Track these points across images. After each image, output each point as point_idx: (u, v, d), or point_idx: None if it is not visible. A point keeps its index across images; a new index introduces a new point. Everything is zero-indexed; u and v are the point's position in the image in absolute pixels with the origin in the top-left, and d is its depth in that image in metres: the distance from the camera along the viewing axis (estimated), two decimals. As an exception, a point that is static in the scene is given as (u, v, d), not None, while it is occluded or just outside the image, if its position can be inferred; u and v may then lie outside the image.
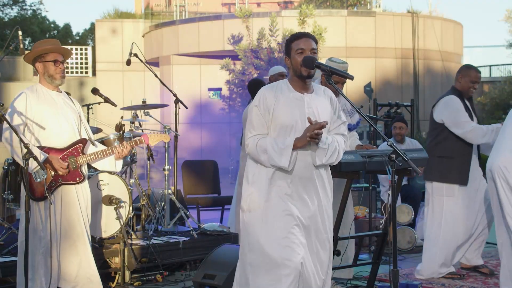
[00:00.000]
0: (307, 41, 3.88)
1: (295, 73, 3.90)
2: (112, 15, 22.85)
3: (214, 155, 16.77)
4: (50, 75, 4.61)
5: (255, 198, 3.85)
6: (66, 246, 4.57)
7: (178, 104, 6.75)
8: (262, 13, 17.61)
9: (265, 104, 3.84)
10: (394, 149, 3.76)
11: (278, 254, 3.74)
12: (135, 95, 18.00)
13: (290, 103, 3.86)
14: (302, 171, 3.84)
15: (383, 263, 5.18)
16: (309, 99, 3.90)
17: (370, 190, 7.24)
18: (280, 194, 3.81)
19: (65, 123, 4.62)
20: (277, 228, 3.78)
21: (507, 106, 19.46)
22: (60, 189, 4.56)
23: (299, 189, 3.83)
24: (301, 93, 3.90)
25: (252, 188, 3.88)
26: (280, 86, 3.93)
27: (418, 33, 18.45)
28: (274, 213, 3.80)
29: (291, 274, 3.72)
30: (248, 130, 3.91)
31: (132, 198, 6.06)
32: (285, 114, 3.83)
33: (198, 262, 5.96)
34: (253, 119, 3.88)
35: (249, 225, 3.86)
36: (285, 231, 3.76)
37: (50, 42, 4.72)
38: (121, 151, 4.71)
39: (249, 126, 3.90)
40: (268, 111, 3.84)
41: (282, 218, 3.78)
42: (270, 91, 3.90)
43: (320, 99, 3.95)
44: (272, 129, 3.86)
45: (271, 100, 3.85)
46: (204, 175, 8.61)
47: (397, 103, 9.63)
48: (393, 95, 16.59)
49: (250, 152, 3.88)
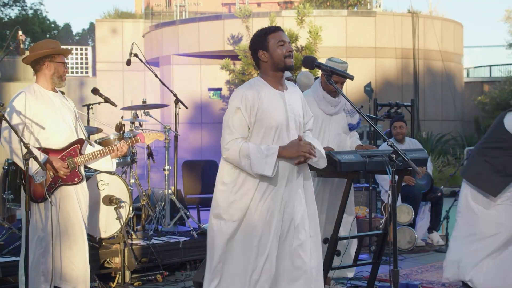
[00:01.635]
0: (284, 35, 3.81)
1: (277, 66, 3.76)
2: (112, 15, 22.84)
3: (214, 155, 16.76)
4: (60, 76, 4.65)
5: (239, 208, 3.73)
6: (67, 247, 4.57)
7: (178, 104, 6.75)
8: (262, 13, 17.60)
9: (248, 105, 3.69)
10: (394, 149, 3.76)
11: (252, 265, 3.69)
12: (135, 95, 18.00)
13: (274, 102, 3.75)
14: (284, 172, 3.76)
15: (383, 263, 5.18)
16: (287, 95, 3.83)
17: (370, 190, 7.24)
18: (263, 199, 3.71)
19: (63, 123, 4.62)
20: (254, 242, 3.70)
21: (507, 106, 19.45)
22: (59, 190, 4.56)
23: (280, 190, 3.74)
24: (280, 90, 3.82)
25: (234, 196, 3.74)
26: (257, 84, 3.79)
27: (418, 33, 18.44)
28: (254, 224, 3.70)
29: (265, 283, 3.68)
30: (227, 134, 3.71)
31: (132, 198, 6.06)
32: (270, 114, 3.71)
33: (198, 262, 5.96)
34: (234, 121, 3.68)
35: (227, 234, 3.76)
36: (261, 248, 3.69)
37: (55, 43, 4.73)
38: (120, 149, 4.72)
39: (229, 129, 3.70)
40: (251, 112, 3.69)
41: (263, 218, 3.70)
42: (250, 90, 3.73)
43: (294, 95, 3.89)
44: (256, 130, 3.72)
45: (254, 100, 3.70)
46: (204, 175, 8.60)
47: (397, 103, 9.63)
48: (393, 95, 16.58)
49: (230, 157, 3.68)
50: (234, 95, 3.75)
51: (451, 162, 15.24)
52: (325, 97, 5.28)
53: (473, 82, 22.82)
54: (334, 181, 5.36)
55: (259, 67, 3.87)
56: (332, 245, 4.69)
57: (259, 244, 3.69)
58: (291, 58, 3.77)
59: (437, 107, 19.05)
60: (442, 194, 7.78)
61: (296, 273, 3.75)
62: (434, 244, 7.64)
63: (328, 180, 5.25)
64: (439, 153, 15.75)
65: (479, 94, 21.42)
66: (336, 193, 5.36)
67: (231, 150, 3.67)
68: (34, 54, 4.63)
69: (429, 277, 6.01)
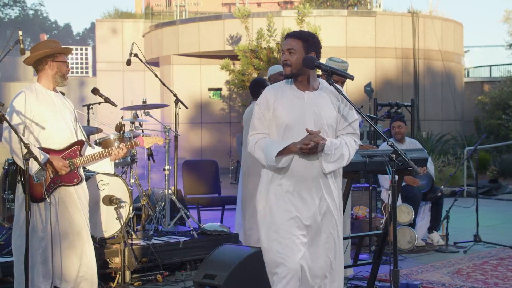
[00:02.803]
0: (286, 42, 3.89)
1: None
2: (113, 15, 22.84)
3: (214, 155, 16.80)
4: (63, 75, 4.66)
5: (259, 197, 3.91)
6: (66, 247, 4.57)
7: (178, 104, 6.75)
8: (262, 13, 17.60)
9: (266, 104, 3.86)
10: (395, 149, 3.76)
11: (278, 254, 3.74)
12: (135, 95, 17.99)
13: (290, 102, 3.83)
14: (304, 170, 3.80)
15: (383, 263, 5.19)
16: (310, 97, 3.85)
17: (370, 190, 7.24)
18: (281, 193, 3.80)
19: (63, 124, 4.62)
20: (277, 227, 3.77)
21: (507, 106, 19.46)
22: (58, 190, 4.55)
23: (300, 188, 3.79)
24: (302, 91, 3.86)
25: (258, 187, 3.94)
26: (283, 85, 3.93)
27: (418, 33, 18.44)
28: (274, 212, 3.80)
29: (288, 274, 3.70)
30: (249, 129, 3.96)
31: (133, 198, 6.06)
32: (285, 113, 3.81)
33: (198, 262, 5.96)
34: (254, 118, 3.91)
35: (259, 224, 3.91)
36: (285, 231, 3.76)
37: (57, 43, 4.74)
38: (117, 153, 4.72)
39: (251, 125, 3.94)
40: (268, 111, 3.85)
41: (282, 218, 3.78)
42: (272, 90, 3.92)
43: (323, 97, 3.88)
44: (275, 128, 3.86)
45: (271, 99, 3.85)
46: (204, 175, 8.60)
47: (397, 103, 9.63)
48: (393, 95, 16.59)
49: (250, 150, 3.93)
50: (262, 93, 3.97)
51: (451, 162, 15.24)
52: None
53: (473, 82, 22.82)
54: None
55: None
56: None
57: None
58: (285, 66, 3.88)
59: (437, 107, 19.05)
60: (442, 194, 7.78)
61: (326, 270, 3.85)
62: (434, 244, 7.64)
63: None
64: (439, 153, 15.75)
65: (479, 94, 21.42)
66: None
67: (250, 144, 3.90)
68: (36, 54, 4.63)
69: (429, 277, 6.01)
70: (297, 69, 3.83)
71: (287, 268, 3.71)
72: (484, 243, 7.57)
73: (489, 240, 7.64)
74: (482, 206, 8.46)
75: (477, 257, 6.97)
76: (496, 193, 13.62)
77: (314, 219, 3.81)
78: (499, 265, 6.56)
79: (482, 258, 6.88)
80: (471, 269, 6.34)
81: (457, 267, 6.42)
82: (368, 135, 10.09)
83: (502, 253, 7.15)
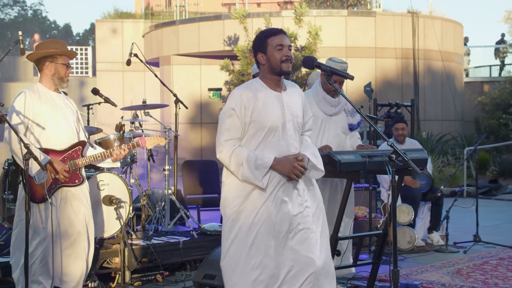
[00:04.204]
0: (284, 38, 3.78)
1: (273, 70, 3.76)
2: (112, 15, 22.84)
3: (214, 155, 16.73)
4: (61, 77, 4.63)
5: (230, 203, 3.75)
6: (67, 248, 4.57)
7: (178, 104, 6.75)
8: (262, 14, 17.60)
9: (243, 106, 3.68)
10: (394, 149, 3.76)
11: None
12: (135, 95, 18.00)
13: (270, 103, 3.74)
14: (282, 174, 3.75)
15: (383, 263, 5.18)
16: (285, 97, 3.81)
17: (370, 190, 7.24)
18: (258, 197, 3.69)
19: (65, 125, 4.62)
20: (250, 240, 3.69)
21: (507, 106, 19.45)
22: (59, 191, 4.56)
23: (278, 192, 3.72)
24: (278, 92, 3.80)
25: (226, 193, 3.77)
26: (254, 85, 3.78)
27: (418, 33, 18.44)
28: (247, 221, 3.69)
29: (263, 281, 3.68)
30: (221, 133, 3.71)
31: (132, 198, 6.06)
32: (266, 115, 3.70)
33: (198, 262, 5.96)
34: (228, 122, 3.69)
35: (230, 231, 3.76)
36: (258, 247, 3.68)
37: (61, 43, 4.71)
38: (119, 153, 4.71)
39: (223, 129, 3.70)
40: (246, 113, 3.69)
41: (255, 229, 3.69)
42: (246, 91, 3.73)
43: (293, 96, 3.86)
44: (250, 130, 3.72)
45: (249, 101, 3.69)
46: (204, 175, 8.59)
47: (397, 103, 9.62)
48: (393, 95, 16.58)
49: (222, 157, 3.69)
50: (231, 95, 3.76)
51: (451, 162, 15.24)
52: (325, 98, 5.28)
53: (473, 82, 22.82)
54: (334, 181, 5.36)
55: (259, 68, 3.86)
56: (332, 245, 4.69)
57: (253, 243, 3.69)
58: (287, 62, 3.74)
59: (437, 107, 19.05)
60: (442, 194, 7.78)
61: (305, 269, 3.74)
62: (434, 244, 7.64)
63: (327, 180, 5.25)
64: (439, 153, 15.74)
65: (479, 94, 21.41)
66: (336, 193, 5.36)
67: (224, 152, 3.69)
68: (36, 53, 4.63)
69: (429, 277, 6.01)
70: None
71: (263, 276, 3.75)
72: (484, 243, 7.57)
73: (489, 240, 7.64)
74: (482, 206, 8.46)
75: (477, 257, 6.97)
76: (496, 193, 13.62)
77: (292, 220, 3.78)
78: (499, 265, 6.56)
79: (482, 258, 6.88)
80: (471, 269, 6.34)
81: (457, 267, 6.42)
82: (368, 135, 10.10)
83: (502, 253, 7.15)
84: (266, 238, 3.69)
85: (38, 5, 34.41)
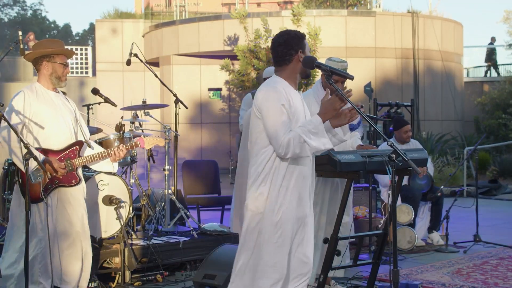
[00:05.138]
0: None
1: (304, 70, 3.90)
2: (112, 15, 22.84)
3: (214, 155, 16.79)
4: (58, 76, 4.62)
5: (265, 199, 3.78)
6: (66, 248, 4.57)
7: (178, 104, 6.75)
8: (262, 13, 17.60)
9: (288, 102, 3.76)
10: (394, 149, 3.76)
11: (275, 260, 3.77)
12: (135, 95, 17.99)
13: (297, 101, 3.86)
14: (305, 170, 3.85)
15: (383, 263, 5.18)
16: (301, 96, 3.97)
17: (370, 190, 7.24)
18: (291, 196, 3.79)
19: (63, 124, 4.61)
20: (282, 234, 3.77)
21: (507, 106, 19.45)
22: (56, 191, 4.54)
23: (300, 189, 3.82)
24: (296, 91, 3.93)
25: (262, 189, 3.78)
26: (280, 83, 3.84)
27: (418, 33, 18.44)
28: (284, 217, 3.77)
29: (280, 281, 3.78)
30: (279, 133, 3.70)
31: (132, 198, 6.06)
32: (297, 112, 3.81)
33: (198, 262, 5.95)
34: (282, 118, 3.71)
35: (260, 227, 3.81)
36: (287, 240, 3.78)
37: (58, 43, 4.70)
38: (117, 154, 4.70)
39: (280, 126, 3.70)
40: (290, 110, 3.77)
41: (290, 225, 3.78)
42: (282, 88, 3.80)
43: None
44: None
45: (289, 98, 3.78)
46: (204, 175, 8.60)
47: (397, 103, 9.62)
48: (393, 95, 16.58)
49: (292, 151, 3.68)
50: (271, 91, 3.76)
51: (451, 162, 15.23)
52: (325, 98, 5.27)
53: (473, 82, 22.81)
54: (334, 181, 5.36)
55: (283, 65, 3.88)
56: (332, 245, 4.68)
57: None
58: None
59: (437, 107, 19.05)
60: (442, 194, 7.78)
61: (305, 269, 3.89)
62: (434, 244, 7.64)
63: (328, 180, 5.25)
64: (439, 153, 15.74)
65: (479, 94, 21.40)
66: (336, 193, 5.36)
67: (292, 144, 3.67)
68: (33, 52, 4.63)
69: (429, 277, 6.01)
70: None
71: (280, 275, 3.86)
72: (484, 243, 7.57)
73: (489, 240, 7.64)
74: (482, 206, 8.46)
75: (477, 257, 6.97)
76: (496, 193, 13.62)
77: (307, 219, 3.94)
78: (499, 265, 6.56)
79: (482, 258, 6.89)
80: (471, 269, 6.34)
81: (457, 267, 6.42)
82: (368, 135, 10.09)
83: (502, 253, 7.15)
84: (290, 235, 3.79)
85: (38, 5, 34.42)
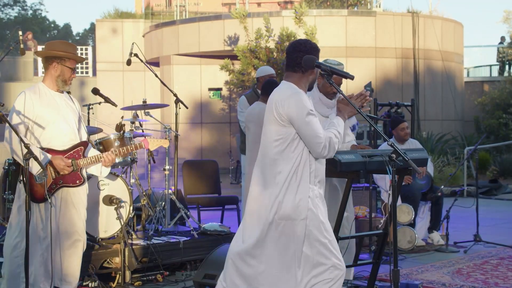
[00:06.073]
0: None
1: (312, 83, 4.05)
2: (112, 15, 22.83)
3: (214, 155, 16.79)
4: (64, 80, 4.64)
5: (305, 204, 3.82)
6: (68, 248, 4.57)
7: (178, 104, 6.75)
8: (262, 13, 17.60)
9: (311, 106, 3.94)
10: (395, 149, 3.76)
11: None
12: (136, 95, 17.99)
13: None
14: (322, 172, 4.00)
15: (383, 263, 5.18)
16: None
17: (370, 190, 7.24)
18: (317, 201, 3.89)
19: (66, 125, 4.62)
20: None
21: (507, 106, 19.44)
22: (60, 191, 4.56)
23: (321, 190, 3.98)
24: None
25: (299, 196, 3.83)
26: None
27: (419, 33, 18.44)
28: (314, 222, 3.85)
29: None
30: (316, 132, 3.85)
31: (133, 198, 6.06)
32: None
33: (198, 262, 5.95)
34: (315, 121, 3.87)
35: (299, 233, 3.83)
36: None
37: (72, 47, 4.72)
38: (110, 159, 4.68)
39: (315, 129, 3.84)
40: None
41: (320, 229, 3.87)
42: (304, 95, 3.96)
43: None
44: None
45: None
46: (204, 175, 8.60)
47: (398, 102, 9.62)
48: (393, 95, 16.58)
49: (333, 150, 3.88)
50: (299, 99, 3.85)
51: (451, 162, 15.23)
52: (321, 99, 5.26)
53: (473, 82, 22.82)
54: (331, 182, 5.36)
55: (297, 71, 3.94)
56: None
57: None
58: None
59: (437, 107, 19.05)
60: (442, 194, 7.78)
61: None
62: (434, 244, 7.64)
63: (328, 180, 5.24)
64: (439, 153, 15.74)
65: (479, 94, 21.40)
66: (335, 193, 5.36)
67: (331, 144, 3.86)
68: (46, 51, 4.66)
69: (430, 277, 6.01)
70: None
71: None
72: (484, 243, 7.57)
73: (489, 240, 7.64)
74: (482, 206, 8.45)
75: (477, 256, 6.97)
76: (496, 193, 13.62)
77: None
78: (499, 264, 6.56)
79: (482, 258, 6.89)
80: (471, 269, 6.34)
81: (457, 267, 6.43)
82: (368, 135, 10.10)
83: (502, 253, 7.15)
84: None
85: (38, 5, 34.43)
